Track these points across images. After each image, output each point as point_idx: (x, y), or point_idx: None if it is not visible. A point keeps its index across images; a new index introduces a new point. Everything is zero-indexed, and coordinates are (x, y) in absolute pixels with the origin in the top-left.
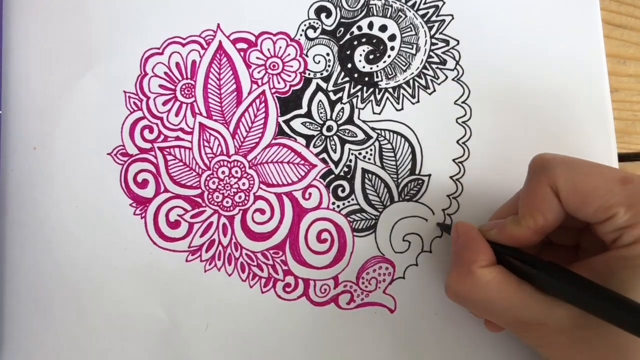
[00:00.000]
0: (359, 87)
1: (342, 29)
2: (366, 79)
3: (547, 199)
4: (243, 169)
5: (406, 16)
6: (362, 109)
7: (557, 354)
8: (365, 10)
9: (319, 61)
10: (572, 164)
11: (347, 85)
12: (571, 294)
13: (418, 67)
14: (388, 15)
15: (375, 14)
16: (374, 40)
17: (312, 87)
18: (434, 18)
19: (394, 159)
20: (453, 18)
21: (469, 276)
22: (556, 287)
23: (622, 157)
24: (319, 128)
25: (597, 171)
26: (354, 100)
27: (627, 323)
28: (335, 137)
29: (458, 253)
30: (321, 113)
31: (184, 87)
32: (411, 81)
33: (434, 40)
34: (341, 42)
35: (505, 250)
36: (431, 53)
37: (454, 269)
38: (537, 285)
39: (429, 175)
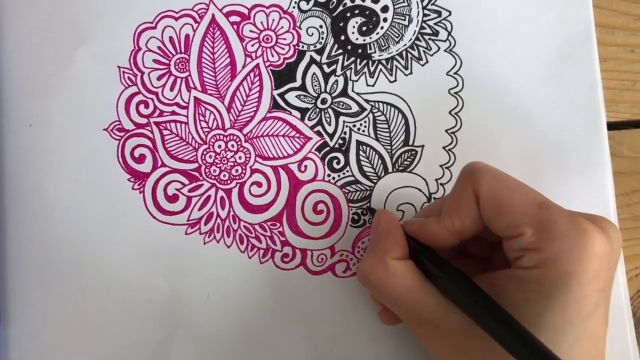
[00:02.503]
0: (353, 59)
1: (334, 0)
2: (359, 51)
3: (467, 203)
4: (239, 143)
5: None
6: (356, 81)
7: (443, 356)
8: None
9: (312, 33)
10: (498, 176)
11: (340, 57)
12: (464, 303)
13: (411, 39)
14: None
15: None
16: (367, 12)
17: (306, 59)
18: None
19: (387, 130)
20: None
21: (381, 265)
22: (453, 293)
23: (610, 126)
24: (314, 101)
25: (519, 189)
26: (348, 72)
27: (508, 343)
28: (330, 110)
29: (375, 240)
30: (315, 86)
31: (178, 61)
32: (404, 52)
33: (426, 12)
34: (334, 14)
35: (420, 248)
36: (423, 24)
37: (369, 255)
38: (439, 287)
39: (422, 146)
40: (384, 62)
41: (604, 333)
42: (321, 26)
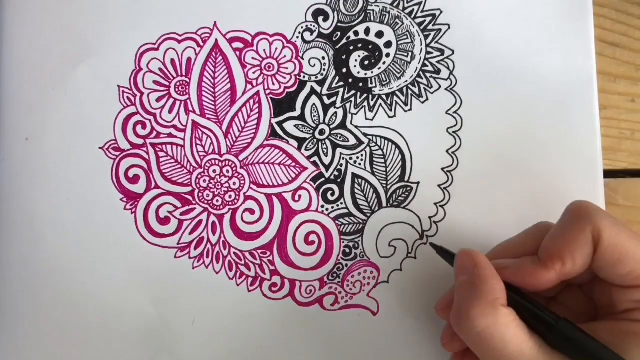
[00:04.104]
0: (353, 92)
1: (338, 33)
2: (360, 84)
3: (583, 246)
4: (234, 169)
5: (403, 23)
6: (355, 114)
7: None
8: (363, 15)
9: (315, 64)
10: (618, 222)
11: (341, 89)
12: (585, 357)
13: (412, 75)
14: (385, 22)
15: (372, 19)
16: (370, 46)
17: (307, 90)
18: (430, 27)
19: (384, 165)
20: (449, 27)
21: (493, 312)
22: (570, 347)
23: (607, 174)
24: (312, 131)
25: (638, 239)
26: (348, 105)
27: None
28: (327, 141)
29: (476, 285)
30: (314, 116)
31: (178, 84)
32: (405, 89)
33: (429, 49)
34: (337, 47)
35: (518, 294)
36: (426, 62)
37: (475, 300)
38: (549, 339)
39: (418, 183)
40: (384, 97)
41: None
42: (324, 57)
